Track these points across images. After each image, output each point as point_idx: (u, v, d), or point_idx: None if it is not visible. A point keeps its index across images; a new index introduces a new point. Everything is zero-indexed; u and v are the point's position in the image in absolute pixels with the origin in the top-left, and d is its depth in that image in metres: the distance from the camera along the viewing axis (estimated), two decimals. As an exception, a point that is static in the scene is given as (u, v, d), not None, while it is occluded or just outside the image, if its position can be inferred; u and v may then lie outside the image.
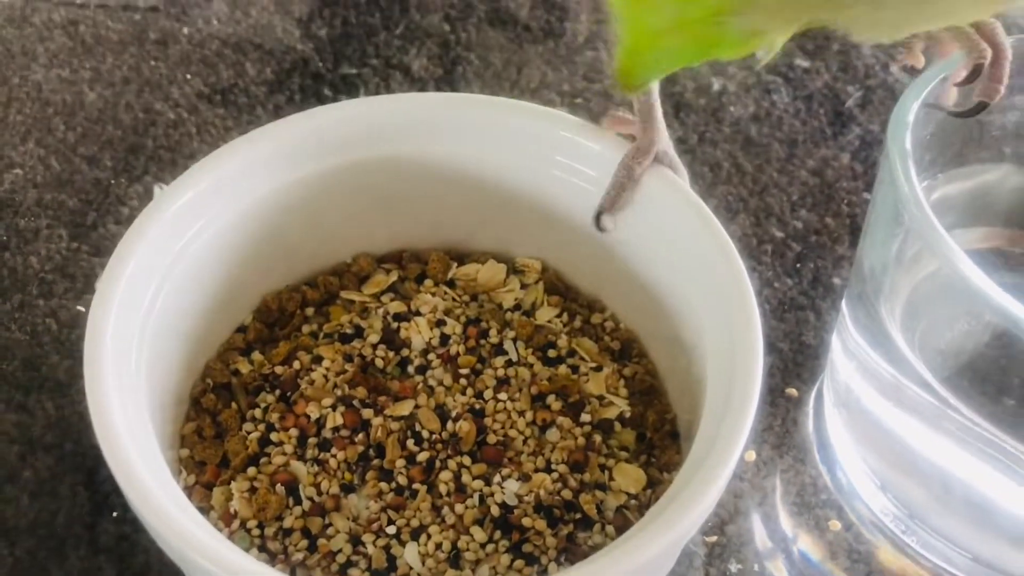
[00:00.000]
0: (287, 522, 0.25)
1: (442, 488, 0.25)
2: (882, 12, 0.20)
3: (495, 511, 0.25)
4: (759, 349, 0.23)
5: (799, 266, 0.34)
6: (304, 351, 0.28)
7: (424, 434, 0.26)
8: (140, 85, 0.39)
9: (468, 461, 0.26)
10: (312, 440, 0.26)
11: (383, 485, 0.25)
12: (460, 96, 0.30)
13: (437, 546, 0.25)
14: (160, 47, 0.40)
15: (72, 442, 0.29)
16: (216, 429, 0.27)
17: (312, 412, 0.27)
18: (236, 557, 0.21)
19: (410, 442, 0.26)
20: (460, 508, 0.25)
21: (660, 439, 0.27)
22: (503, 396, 0.27)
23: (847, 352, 0.26)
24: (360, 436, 0.26)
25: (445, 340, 0.28)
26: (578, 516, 0.25)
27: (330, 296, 0.30)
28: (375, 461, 0.26)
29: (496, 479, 0.26)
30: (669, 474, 0.26)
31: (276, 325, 0.29)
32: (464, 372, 0.28)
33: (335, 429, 0.26)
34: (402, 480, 0.26)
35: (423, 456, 0.26)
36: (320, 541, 0.25)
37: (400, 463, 0.26)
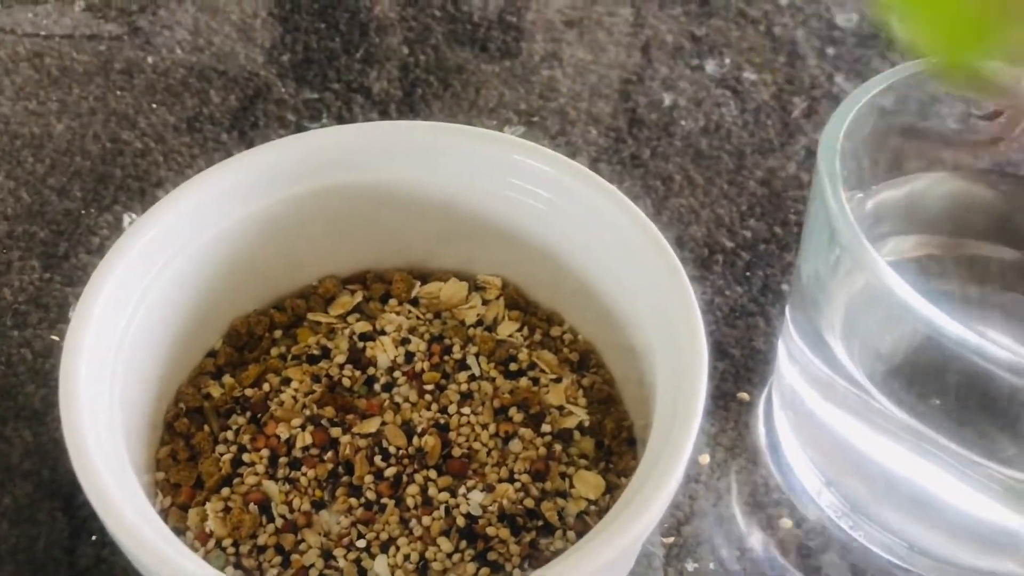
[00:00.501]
0: (261, 539, 0.26)
1: (409, 501, 0.27)
2: None
3: (461, 521, 0.26)
4: (703, 357, 0.24)
5: (748, 274, 0.35)
6: (273, 373, 0.29)
7: (391, 450, 0.27)
8: (107, 115, 0.39)
9: (434, 474, 0.27)
10: (283, 460, 0.27)
11: (352, 501, 0.27)
12: (417, 124, 0.31)
13: (406, 557, 0.26)
14: (126, 77, 0.41)
15: (49, 469, 0.30)
16: (190, 452, 0.28)
17: (282, 432, 0.28)
18: (209, 575, 0.22)
19: (377, 458, 0.27)
20: (427, 520, 0.26)
21: (618, 446, 0.28)
22: (466, 410, 0.28)
23: (791, 357, 0.28)
24: (329, 454, 0.27)
25: (410, 357, 0.29)
26: (540, 523, 0.26)
27: (298, 319, 0.31)
28: (344, 478, 0.27)
29: (461, 491, 0.27)
30: (627, 479, 0.27)
31: (246, 349, 0.30)
32: (429, 388, 0.29)
33: (305, 448, 0.27)
34: (371, 495, 0.27)
35: (390, 471, 0.27)
36: (293, 557, 0.26)
37: (368, 479, 0.27)
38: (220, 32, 0.43)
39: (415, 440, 0.28)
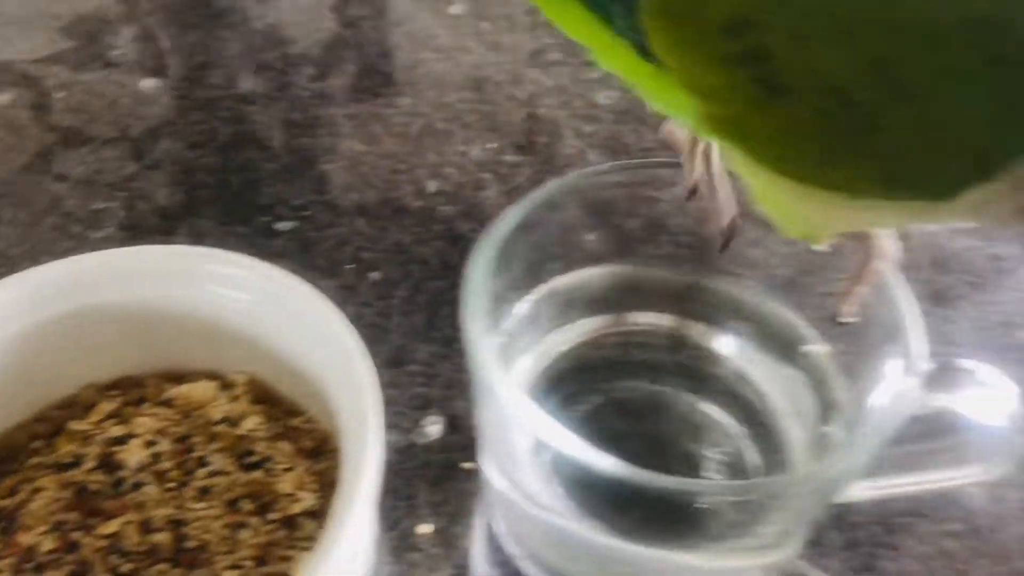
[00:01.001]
0: (1, 646, 0.29)
1: (144, 594, 0.29)
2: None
3: (193, 610, 0.29)
4: (378, 449, 0.27)
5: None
6: (27, 483, 0.32)
7: (128, 547, 0.30)
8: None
9: (168, 567, 0.30)
10: (28, 566, 0.30)
11: (91, 599, 0.29)
12: (145, 249, 0.34)
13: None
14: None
15: None
16: (-57, 563, 0.30)
17: (29, 540, 0.30)
18: None
19: (114, 556, 0.30)
20: (162, 610, 0.29)
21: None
22: (203, 504, 0.31)
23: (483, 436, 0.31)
24: (71, 556, 0.30)
25: (157, 458, 0.32)
26: (263, 606, 0.29)
27: (58, 428, 0.33)
28: (84, 577, 0.30)
29: (192, 580, 0.30)
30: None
31: (4, 461, 0.33)
32: (171, 486, 0.32)
33: (49, 552, 0.30)
34: (109, 592, 0.29)
35: (127, 567, 0.30)
36: (31, 660, 0.28)
37: (105, 577, 0.30)
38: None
39: (152, 536, 0.30)
